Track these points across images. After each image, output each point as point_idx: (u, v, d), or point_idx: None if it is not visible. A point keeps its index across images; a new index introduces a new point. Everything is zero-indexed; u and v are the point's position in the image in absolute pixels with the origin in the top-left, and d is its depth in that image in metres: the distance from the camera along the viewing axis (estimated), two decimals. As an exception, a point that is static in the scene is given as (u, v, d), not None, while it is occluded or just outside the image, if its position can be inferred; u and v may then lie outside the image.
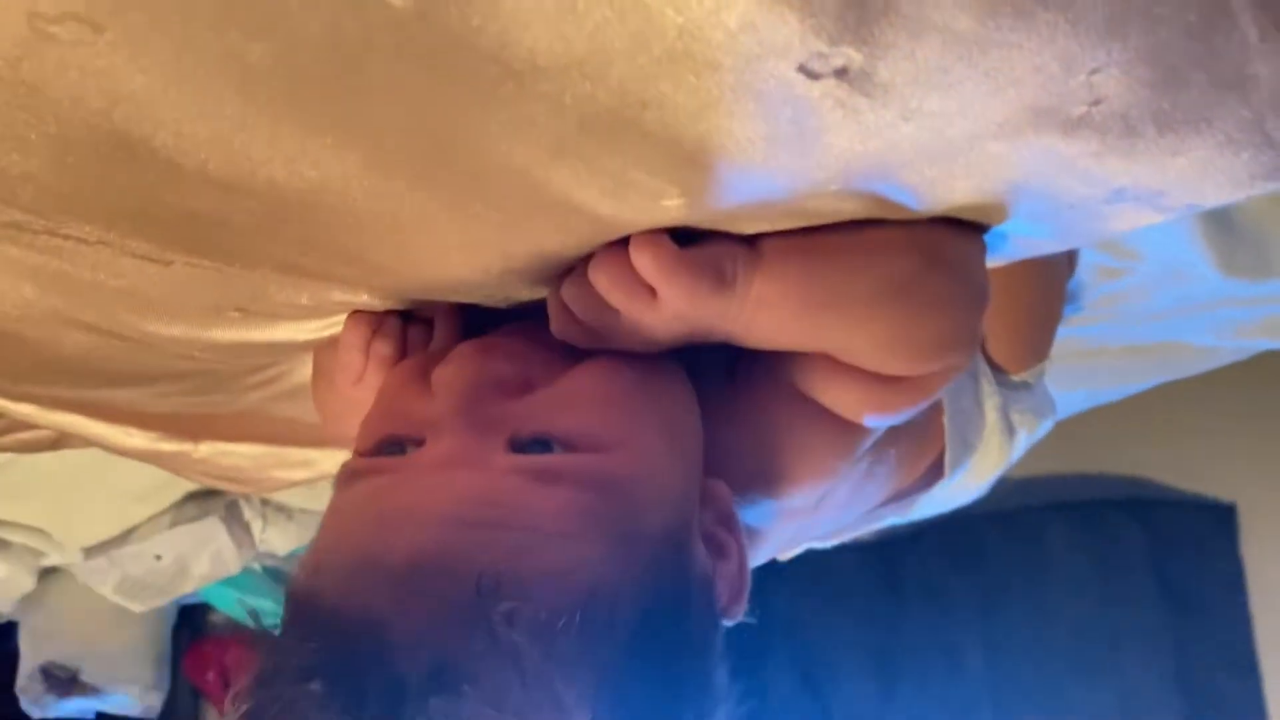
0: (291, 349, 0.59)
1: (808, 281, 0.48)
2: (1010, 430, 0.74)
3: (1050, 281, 0.78)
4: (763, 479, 0.56)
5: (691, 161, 0.38)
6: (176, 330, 0.52)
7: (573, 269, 0.48)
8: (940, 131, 0.38)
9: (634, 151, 0.37)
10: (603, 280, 0.46)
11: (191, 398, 0.69)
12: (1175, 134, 0.40)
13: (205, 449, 0.77)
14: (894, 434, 0.64)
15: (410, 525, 0.42)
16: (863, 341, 0.50)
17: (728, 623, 0.49)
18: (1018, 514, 1.88)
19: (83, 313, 0.49)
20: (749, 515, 0.55)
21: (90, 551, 1.06)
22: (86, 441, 0.76)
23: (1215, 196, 0.46)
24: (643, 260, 0.45)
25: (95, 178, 0.38)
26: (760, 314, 0.47)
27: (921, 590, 1.94)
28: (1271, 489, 1.76)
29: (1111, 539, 1.83)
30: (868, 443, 0.59)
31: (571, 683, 0.40)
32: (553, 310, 0.50)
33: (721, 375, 0.56)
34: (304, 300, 0.51)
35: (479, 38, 0.31)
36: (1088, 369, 1.08)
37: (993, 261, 0.56)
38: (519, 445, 0.45)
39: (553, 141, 0.36)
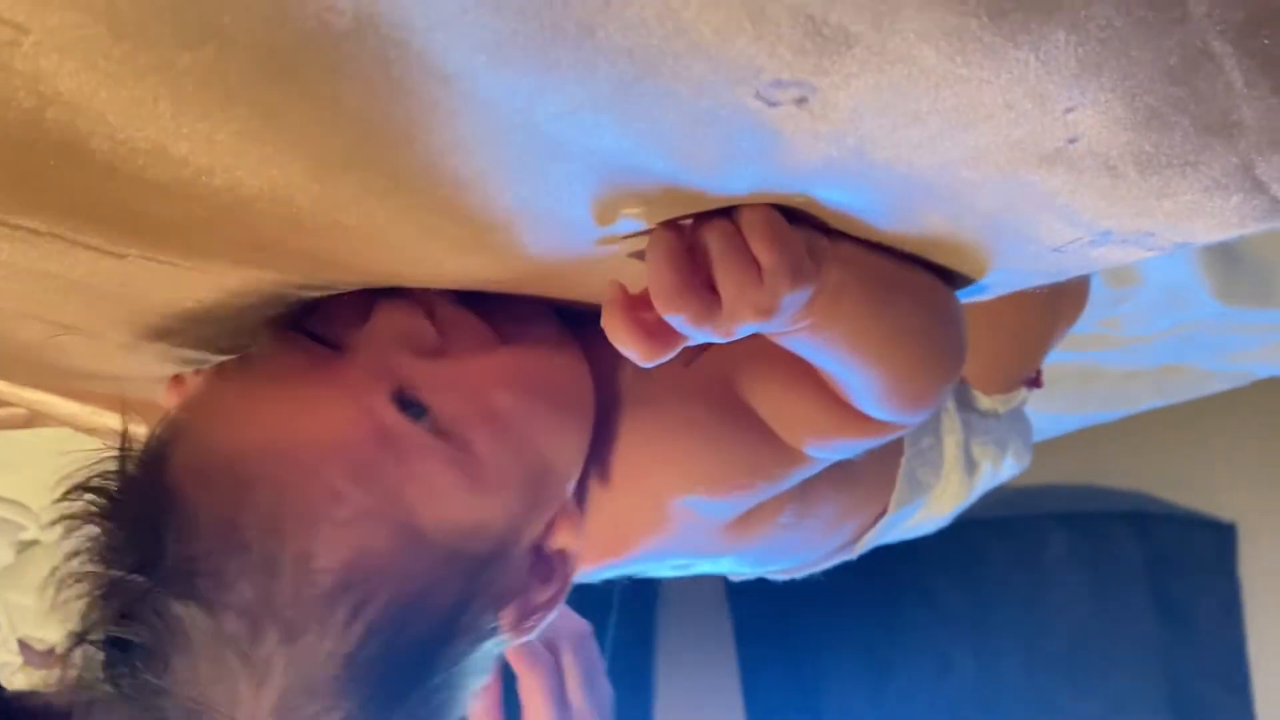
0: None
1: (873, 276, 0.46)
2: (971, 465, 0.72)
3: (1045, 310, 0.76)
4: (659, 464, 0.55)
5: (650, 178, 0.37)
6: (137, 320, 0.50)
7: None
8: (911, 162, 0.36)
9: (588, 169, 0.36)
10: (715, 242, 0.41)
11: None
12: (1159, 177, 0.38)
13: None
14: (837, 486, 0.63)
15: (258, 431, 0.45)
16: (876, 372, 0.49)
17: (509, 640, 0.51)
18: (1018, 522, 1.87)
19: (37, 306, 0.48)
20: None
21: (71, 526, 1.06)
22: (59, 421, 0.75)
23: (1207, 236, 0.44)
24: (755, 225, 0.40)
25: (35, 174, 0.36)
26: (833, 302, 0.45)
27: (916, 594, 1.93)
28: (1272, 511, 1.74)
29: (1110, 552, 1.82)
30: (795, 471, 0.57)
31: (303, 634, 0.42)
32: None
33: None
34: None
35: (421, 58, 0.30)
36: (1086, 392, 1.06)
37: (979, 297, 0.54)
38: (402, 400, 0.47)
39: (505, 158, 0.35)
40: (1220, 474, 1.79)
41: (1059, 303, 0.77)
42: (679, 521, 0.56)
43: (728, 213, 0.41)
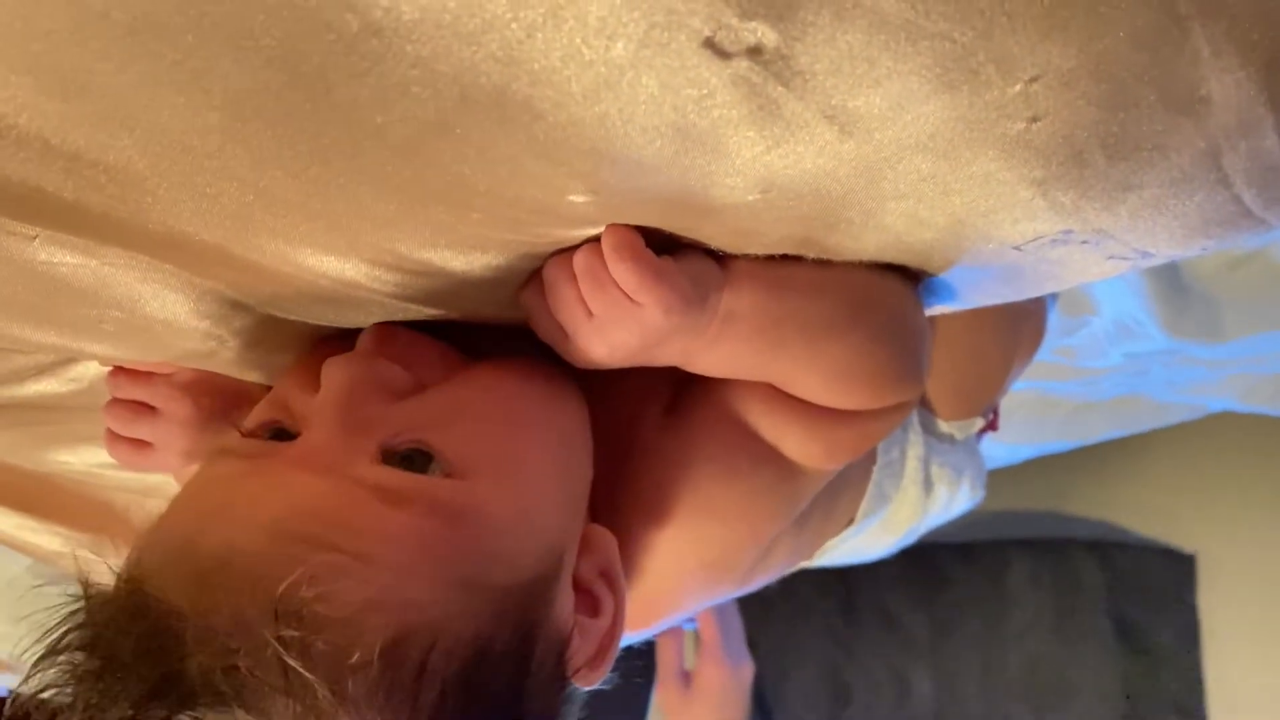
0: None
1: (770, 300, 0.46)
2: (928, 483, 0.71)
3: (1003, 338, 0.75)
4: (697, 523, 0.52)
5: (594, 152, 0.34)
6: (49, 338, 0.47)
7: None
8: (867, 138, 0.34)
9: (528, 134, 0.33)
10: (587, 282, 0.42)
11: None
12: (1126, 164, 0.36)
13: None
14: (823, 509, 0.63)
15: (236, 520, 0.38)
16: (816, 371, 0.49)
17: (583, 687, 0.45)
18: (979, 547, 1.87)
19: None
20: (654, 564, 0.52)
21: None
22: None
23: (1168, 245, 0.42)
24: (623, 274, 0.41)
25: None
26: (724, 330, 0.45)
27: (877, 616, 1.93)
28: (1232, 543, 1.76)
29: (1071, 579, 1.82)
30: (813, 491, 0.56)
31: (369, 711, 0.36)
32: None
33: (659, 411, 0.52)
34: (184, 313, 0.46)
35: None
36: (1042, 421, 1.06)
37: (945, 308, 0.53)
38: (391, 455, 0.41)
39: (433, 116, 0.32)
40: (1182, 505, 1.81)
41: (1018, 332, 0.76)
42: (702, 582, 0.54)
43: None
